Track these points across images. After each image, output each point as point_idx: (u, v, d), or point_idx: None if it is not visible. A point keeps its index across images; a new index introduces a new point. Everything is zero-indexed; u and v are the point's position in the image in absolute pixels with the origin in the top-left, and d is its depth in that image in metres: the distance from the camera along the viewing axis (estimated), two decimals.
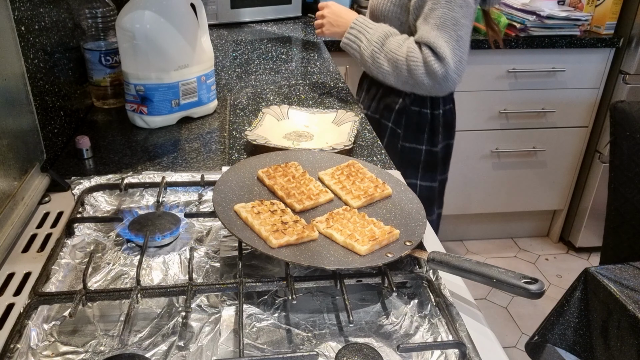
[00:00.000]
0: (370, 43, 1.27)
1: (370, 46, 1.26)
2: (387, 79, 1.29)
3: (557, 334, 1.19)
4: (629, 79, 2.19)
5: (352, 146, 1.13)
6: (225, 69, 1.67)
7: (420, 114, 1.39)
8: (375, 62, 1.27)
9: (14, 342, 0.61)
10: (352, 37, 1.30)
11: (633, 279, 1.13)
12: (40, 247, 0.82)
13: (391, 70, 1.26)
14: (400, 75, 1.25)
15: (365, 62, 1.30)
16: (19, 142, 0.89)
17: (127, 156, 1.10)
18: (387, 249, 0.74)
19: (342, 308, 0.72)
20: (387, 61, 1.25)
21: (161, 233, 0.81)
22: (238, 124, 1.27)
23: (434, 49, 1.19)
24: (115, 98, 1.33)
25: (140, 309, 0.70)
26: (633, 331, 1.03)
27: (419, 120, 1.39)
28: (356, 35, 1.29)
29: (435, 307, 0.70)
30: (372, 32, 1.28)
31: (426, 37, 1.20)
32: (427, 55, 1.20)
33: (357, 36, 1.29)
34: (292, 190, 0.86)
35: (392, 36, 1.27)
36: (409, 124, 1.40)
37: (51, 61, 1.08)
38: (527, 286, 0.65)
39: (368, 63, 1.29)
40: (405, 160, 1.43)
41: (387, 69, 1.26)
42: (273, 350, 0.65)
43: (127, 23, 1.11)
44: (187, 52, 1.20)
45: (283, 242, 0.72)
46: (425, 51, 1.20)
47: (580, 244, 2.55)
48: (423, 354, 0.64)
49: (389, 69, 1.26)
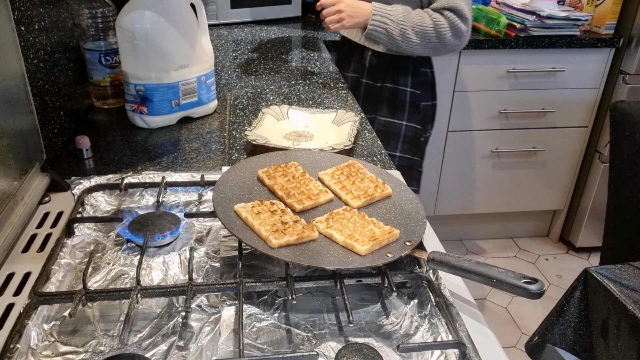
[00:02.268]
0: (397, 23, 1.37)
1: (398, 26, 1.37)
2: (415, 50, 1.41)
3: (557, 334, 1.19)
4: (629, 79, 2.19)
5: (352, 146, 1.13)
6: (225, 69, 1.67)
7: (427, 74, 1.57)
8: (405, 39, 1.38)
9: (14, 342, 0.61)
10: (377, 22, 1.38)
11: (633, 279, 1.13)
12: (40, 247, 0.82)
13: (420, 41, 1.39)
14: (429, 43, 1.39)
15: (395, 41, 1.40)
16: (19, 142, 0.89)
17: (127, 156, 1.10)
18: (387, 249, 0.74)
19: (342, 308, 0.72)
20: (416, 34, 1.38)
21: (161, 233, 0.81)
22: (238, 124, 1.27)
23: (459, 12, 1.36)
24: (115, 98, 1.33)
25: (140, 309, 0.70)
26: (633, 331, 1.03)
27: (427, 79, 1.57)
28: (380, 20, 1.38)
29: (435, 307, 0.70)
30: (394, 13, 1.38)
31: (452, 2, 1.37)
32: (452, 18, 1.37)
33: (382, 20, 1.38)
34: (292, 190, 0.86)
35: (411, 12, 1.40)
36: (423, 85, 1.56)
37: (51, 61, 1.08)
38: (527, 286, 0.65)
39: (397, 41, 1.40)
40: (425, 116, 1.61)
41: (417, 40, 1.38)
42: (273, 350, 0.65)
43: (127, 23, 1.11)
44: (187, 52, 1.20)
45: (283, 242, 0.72)
46: (450, 15, 1.36)
47: (580, 244, 2.55)
48: (423, 354, 0.64)
49: (418, 41, 1.38)
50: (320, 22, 2.28)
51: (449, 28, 1.38)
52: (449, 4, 1.39)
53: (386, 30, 1.40)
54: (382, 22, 1.39)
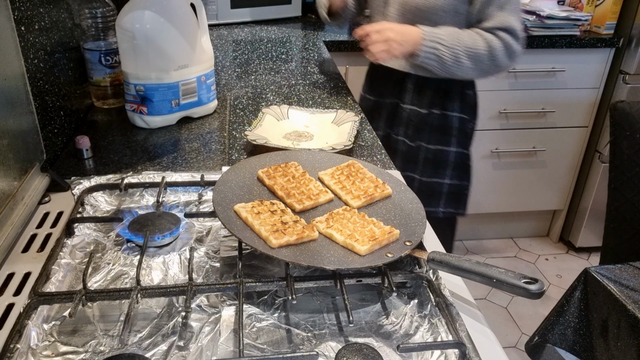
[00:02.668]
0: (449, 47, 1.27)
1: (450, 50, 1.27)
2: (466, 74, 1.33)
3: (557, 334, 1.19)
4: (629, 79, 2.19)
5: (352, 146, 1.13)
6: (225, 69, 1.67)
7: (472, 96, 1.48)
8: (457, 63, 1.28)
9: (14, 342, 0.61)
10: (428, 48, 1.27)
11: (633, 279, 1.13)
12: (40, 247, 0.82)
13: (473, 64, 1.29)
14: (482, 66, 1.30)
15: (446, 66, 1.29)
16: (19, 142, 0.89)
17: (127, 156, 1.10)
18: (387, 249, 0.74)
19: (342, 308, 0.72)
20: (469, 58, 1.28)
21: (161, 233, 0.81)
22: (238, 124, 1.27)
23: (513, 31, 1.27)
24: (115, 98, 1.33)
25: (140, 309, 0.70)
26: (633, 331, 1.03)
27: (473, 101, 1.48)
28: (431, 45, 1.27)
29: (435, 307, 0.70)
30: (444, 36, 1.27)
31: (506, 22, 1.27)
32: (506, 39, 1.27)
33: (433, 46, 1.27)
34: (292, 190, 0.85)
35: (461, 34, 1.29)
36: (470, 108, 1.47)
37: (51, 61, 1.08)
38: (527, 286, 0.65)
39: (449, 66, 1.29)
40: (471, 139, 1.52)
41: (470, 64, 1.29)
42: (273, 350, 0.65)
43: (127, 23, 1.11)
44: (187, 52, 1.20)
45: (283, 242, 0.72)
46: (504, 36, 1.27)
47: (580, 244, 2.55)
48: (423, 354, 0.64)
49: (471, 64, 1.29)
50: (320, 23, 2.26)
51: (503, 50, 1.28)
52: (503, 24, 1.28)
53: (438, 55, 1.27)
54: (434, 48, 1.27)
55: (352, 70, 2.10)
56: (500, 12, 1.28)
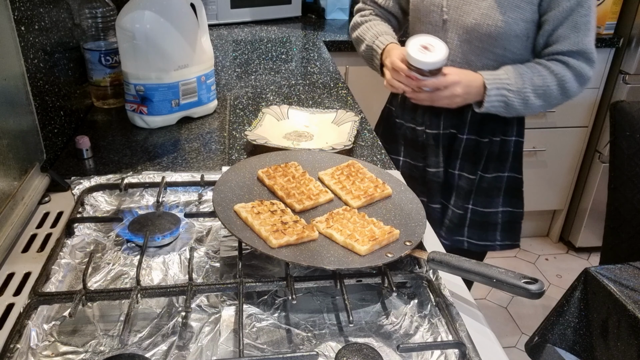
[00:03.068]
0: (517, 92, 1.15)
1: (517, 95, 1.15)
2: (535, 111, 1.22)
3: (557, 334, 1.19)
4: (629, 79, 2.19)
5: (352, 146, 1.13)
6: (225, 69, 1.67)
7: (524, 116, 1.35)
8: (527, 105, 1.17)
9: (14, 342, 0.61)
10: (495, 96, 1.15)
11: (633, 279, 1.13)
12: (40, 247, 0.82)
13: (542, 102, 1.18)
14: (550, 101, 1.19)
15: (514, 110, 1.18)
16: (19, 142, 0.89)
17: (127, 156, 1.10)
18: (387, 249, 0.74)
19: (342, 308, 0.72)
20: (538, 97, 1.17)
21: (161, 233, 0.81)
22: (238, 124, 1.27)
23: (588, 55, 1.16)
24: (115, 98, 1.33)
25: (140, 309, 0.70)
26: (633, 331, 1.03)
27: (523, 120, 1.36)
28: (497, 92, 1.15)
29: (435, 307, 0.70)
30: (511, 80, 1.15)
31: (581, 45, 1.15)
32: (578, 66, 1.16)
33: (499, 93, 1.15)
34: (292, 190, 0.85)
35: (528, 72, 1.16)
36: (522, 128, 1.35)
37: (51, 61, 1.08)
38: (527, 286, 0.65)
39: (518, 110, 1.18)
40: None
41: (538, 103, 1.18)
42: (273, 350, 0.65)
43: (127, 23, 1.11)
44: (187, 52, 1.20)
45: (283, 242, 0.72)
46: (576, 62, 1.16)
47: (580, 244, 2.55)
48: (423, 354, 0.64)
49: (540, 102, 1.18)
50: (320, 23, 2.25)
51: (574, 79, 1.16)
52: (578, 46, 1.14)
53: (505, 102, 1.16)
54: (500, 95, 1.15)
55: (352, 70, 2.10)
56: (574, 34, 1.14)
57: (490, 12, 1.16)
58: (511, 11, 1.15)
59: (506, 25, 1.15)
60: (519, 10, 1.15)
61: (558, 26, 1.15)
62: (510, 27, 1.16)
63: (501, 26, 1.15)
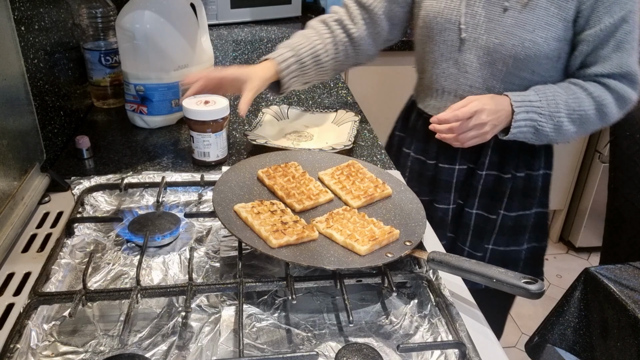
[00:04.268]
0: (548, 117, 1.01)
1: (550, 120, 1.01)
2: (569, 138, 1.06)
3: (557, 334, 1.19)
4: None
5: (352, 146, 1.13)
6: None
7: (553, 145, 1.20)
8: (559, 131, 1.03)
9: (14, 342, 0.61)
10: (524, 121, 1.01)
11: (633, 279, 1.13)
12: (40, 247, 0.82)
13: (577, 127, 1.03)
14: (587, 127, 1.05)
15: (545, 137, 1.04)
16: (19, 142, 0.89)
17: (127, 156, 1.10)
18: (387, 249, 0.74)
19: (342, 308, 0.72)
20: (572, 122, 1.02)
21: (161, 233, 0.81)
22: (238, 124, 1.27)
23: (632, 77, 1.01)
24: (115, 98, 1.33)
25: (140, 309, 0.70)
26: (633, 331, 1.03)
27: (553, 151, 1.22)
28: (527, 116, 1.01)
29: (435, 307, 0.70)
30: (542, 103, 1.01)
31: (625, 66, 1.00)
32: (621, 89, 1.01)
33: (529, 117, 1.01)
34: (292, 190, 0.85)
35: (561, 94, 1.02)
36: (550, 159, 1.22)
37: (51, 61, 1.08)
38: (527, 286, 0.65)
39: (549, 136, 1.03)
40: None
41: (574, 129, 1.03)
42: (273, 350, 0.65)
43: (127, 23, 1.11)
44: (187, 52, 1.20)
45: (283, 242, 0.72)
46: (618, 85, 1.01)
47: (580, 244, 2.55)
48: (423, 354, 0.64)
49: (576, 129, 1.03)
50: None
51: (615, 103, 1.02)
52: (621, 68, 1.00)
53: (535, 127, 1.02)
54: (530, 119, 1.01)
55: (352, 70, 2.10)
56: (617, 54, 1.00)
57: (515, 31, 1.00)
58: (540, 29, 0.99)
59: (534, 45, 1.00)
60: (550, 28, 0.99)
61: (598, 46, 1.00)
62: (540, 48, 1.01)
63: (529, 46, 1.00)
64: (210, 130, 1.02)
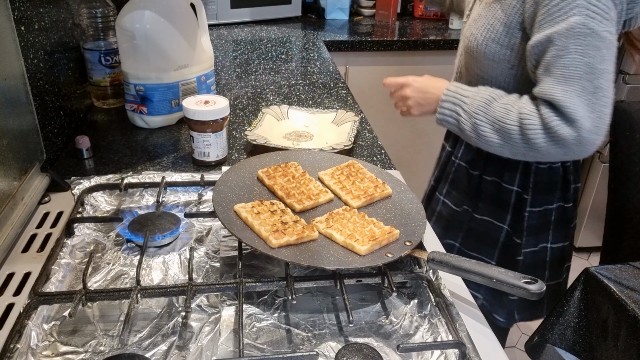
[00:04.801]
0: (469, 115, 0.98)
1: (471, 119, 0.98)
2: (501, 153, 1.00)
3: (557, 334, 1.19)
4: (628, 79, 2.19)
5: (352, 146, 1.13)
6: (225, 69, 1.67)
7: (548, 172, 1.11)
8: (480, 136, 0.98)
9: (13, 342, 0.61)
10: (447, 110, 1.02)
11: (633, 279, 1.13)
12: (40, 247, 0.82)
13: (502, 142, 0.96)
14: (515, 147, 0.96)
15: (469, 137, 1.01)
16: (19, 142, 0.89)
17: (127, 156, 1.10)
18: (387, 249, 0.74)
19: (342, 308, 0.72)
20: (495, 132, 0.96)
21: (161, 233, 0.81)
22: (238, 124, 1.27)
23: (560, 108, 0.89)
24: (115, 98, 1.33)
25: (140, 309, 0.70)
26: (633, 331, 1.03)
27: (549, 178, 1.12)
28: (451, 108, 1.01)
29: (435, 307, 0.70)
30: (470, 100, 0.99)
31: (550, 93, 0.90)
32: (548, 118, 0.90)
33: (452, 109, 1.01)
34: (292, 190, 0.85)
35: (497, 100, 0.97)
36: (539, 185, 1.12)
37: (51, 61, 1.08)
38: (527, 286, 0.65)
39: (472, 138, 1.00)
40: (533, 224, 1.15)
41: (497, 141, 0.97)
42: (273, 350, 0.65)
43: (127, 23, 1.11)
44: (187, 52, 1.20)
45: (283, 242, 0.72)
46: (546, 113, 0.90)
47: (580, 244, 2.55)
48: (423, 354, 0.64)
49: (500, 141, 0.96)
50: (320, 23, 2.26)
51: (542, 132, 0.91)
52: (544, 94, 0.91)
53: (457, 121, 1.01)
54: (453, 111, 1.01)
55: (352, 70, 2.10)
56: (545, 78, 0.91)
57: (472, 24, 1.05)
58: (484, 28, 1.01)
59: (475, 42, 1.03)
60: (491, 29, 1.00)
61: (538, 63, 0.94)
62: (479, 47, 1.02)
63: (472, 41, 1.04)
64: (210, 130, 1.02)
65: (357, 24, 2.34)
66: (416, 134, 2.30)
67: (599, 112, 0.89)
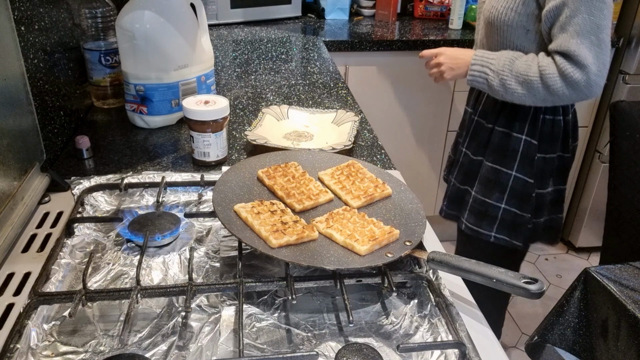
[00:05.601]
0: (496, 73, 1.22)
1: (498, 76, 1.22)
2: (524, 102, 1.23)
3: (557, 334, 1.19)
4: (628, 79, 2.19)
5: (352, 146, 1.13)
6: (225, 69, 1.67)
7: (553, 123, 1.32)
8: (507, 90, 1.22)
9: (13, 342, 0.61)
10: (476, 72, 1.25)
11: (633, 279, 1.13)
12: (40, 247, 0.82)
13: (526, 92, 1.20)
14: (537, 95, 1.20)
15: (497, 92, 1.24)
16: (19, 142, 0.89)
17: (127, 156, 1.10)
18: (387, 249, 0.74)
19: (342, 308, 0.72)
20: (520, 85, 1.20)
21: (161, 233, 0.81)
22: (238, 124, 1.27)
23: (573, 57, 1.13)
24: (115, 98, 1.33)
25: (140, 309, 0.70)
26: (633, 331, 1.03)
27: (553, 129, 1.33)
28: (479, 70, 1.25)
29: (435, 307, 0.70)
30: (495, 61, 1.23)
31: (565, 46, 1.14)
32: (563, 66, 1.15)
33: (481, 70, 1.24)
34: (292, 190, 0.86)
35: (518, 59, 1.21)
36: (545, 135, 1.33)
37: (51, 61, 1.09)
38: (527, 286, 0.65)
39: (500, 92, 1.24)
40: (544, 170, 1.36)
41: (522, 92, 1.20)
42: (273, 350, 0.65)
43: (127, 23, 1.11)
44: (187, 52, 1.20)
45: (283, 242, 0.72)
46: (561, 61, 1.15)
47: (580, 244, 2.55)
48: (423, 354, 0.64)
49: (524, 92, 1.20)
50: (320, 23, 2.26)
51: (558, 77, 1.15)
52: (560, 47, 1.15)
53: (486, 80, 1.24)
54: (482, 72, 1.24)
55: (352, 70, 2.10)
56: (561, 34, 1.15)
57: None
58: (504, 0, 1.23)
59: (496, 12, 1.24)
60: (509, 1, 1.22)
61: (551, 25, 1.17)
62: (500, 16, 1.24)
63: (493, 13, 1.25)
64: (210, 130, 1.02)
65: (357, 24, 2.34)
66: (416, 134, 2.30)
67: (602, 59, 1.15)
